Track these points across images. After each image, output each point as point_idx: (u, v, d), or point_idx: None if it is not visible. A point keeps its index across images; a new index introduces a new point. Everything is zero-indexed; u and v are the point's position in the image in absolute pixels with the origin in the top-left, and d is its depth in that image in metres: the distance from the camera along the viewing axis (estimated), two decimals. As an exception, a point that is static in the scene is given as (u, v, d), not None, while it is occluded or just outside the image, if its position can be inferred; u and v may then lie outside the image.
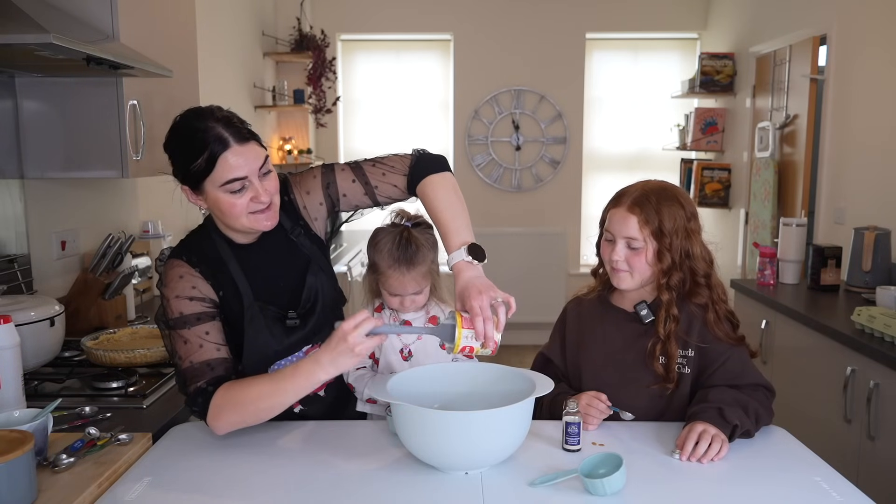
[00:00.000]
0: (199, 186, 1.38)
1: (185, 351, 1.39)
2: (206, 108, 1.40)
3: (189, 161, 1.35)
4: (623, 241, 1.55)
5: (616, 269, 1.57)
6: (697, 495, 1.23)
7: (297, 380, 1.33)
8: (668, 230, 1.52)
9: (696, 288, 1.56)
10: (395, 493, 1.23)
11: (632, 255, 1.54)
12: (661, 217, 1.52)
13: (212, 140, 1.33)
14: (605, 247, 1.60)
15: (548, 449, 1.40)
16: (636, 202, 1.54)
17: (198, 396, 1.38)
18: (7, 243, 2.08)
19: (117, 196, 2.69)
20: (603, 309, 1.66)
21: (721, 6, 5.03)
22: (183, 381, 1.41)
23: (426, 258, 1.58)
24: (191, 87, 2.53)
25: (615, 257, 1.55)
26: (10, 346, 1.44)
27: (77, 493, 1.21)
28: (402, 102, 5.40)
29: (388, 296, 1.61)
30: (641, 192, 1.55)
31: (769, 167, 4.05)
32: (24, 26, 1.50)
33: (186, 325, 1.40)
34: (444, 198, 1.48)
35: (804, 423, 2.55)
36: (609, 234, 1.58)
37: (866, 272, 2.91)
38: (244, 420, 1.38)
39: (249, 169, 1.36)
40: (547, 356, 1.72)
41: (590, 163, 5.44)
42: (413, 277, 1.56)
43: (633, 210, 1.53)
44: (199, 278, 1.43)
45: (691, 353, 1.54)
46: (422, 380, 1.42)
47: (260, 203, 1.38)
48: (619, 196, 1.59)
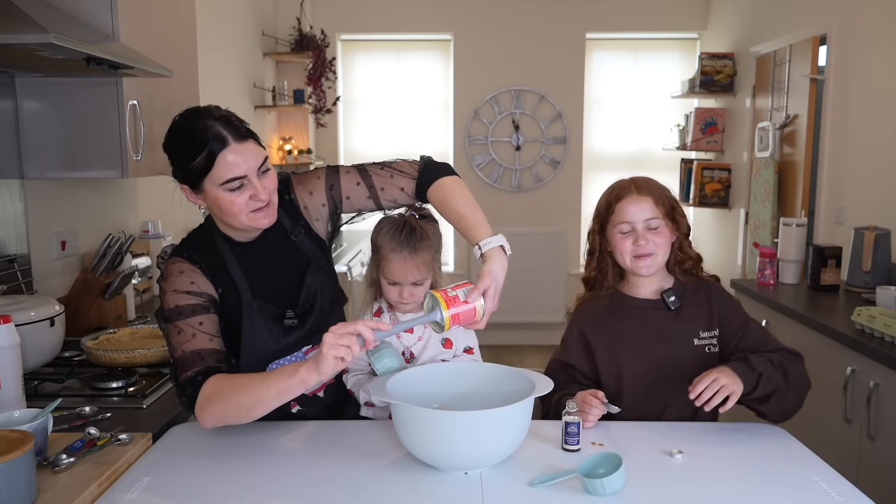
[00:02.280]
0: (199, 185, 1.38)
1: (178, 341, 1.39)
2: (204, 108, 1.40)
3: (188, 160, 1.35)
4: (642, 224, 1.59)
5: (641, 256, 1.60)
6: (697, 495, 1.23)
7: (282, 377, 1.31)
8: (674, 202, 1.64)
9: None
10: (395, 493, 1.23)
11: (655, 236, 1.60)
12: (664, 193, 1.63)
13: (210, 138, 1.34)
14: (620, 241, 1.62)
15: (547, 449, 1.40)
16: (641, 187, 1.62)
17: (187, 386, 1.37)
18: (7, 243, 2.08)
19: (117, 196, 2.69)
20: (624, 305, 1.67)
21: (721, 6, 5.03)
22: (175, 370, 1.40)
23: (430, 247, 1.57)
24: (191, 87, 2.53)
25: (641, 242, 1.59)
26: (10, 346, 1.44)
27: (77, 493, 1.21)
28: (402, 102, 5.40)
29: (387, 287, 1.59)
30: (637, 180, 1.64)
31: (769, 167, 4.05)
32: (24, 26, 1.50)
33: (181, 316, 1.40)
34: (461, 195, 1.49)
35: (804, 423, 2.53)
36: (625, 225, 1.61)
37: (866, 272, 2.91)
38: (227, 415, 1.34)
39: (248, 167, 1.36)
40: (566, 362, 1.69)
41: (590, 163, 5.44)
42: (415, 264, 1.55)
43: (642, 193, 1.61)
44: (198, 274, 1.44)
45: (717, 331, 1.62)
46: (422, 380, 1.43)
47: (259, 201, 1.39)
48: (617, 192, 1.64)
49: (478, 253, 1.40)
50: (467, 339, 1.65)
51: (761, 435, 1.48)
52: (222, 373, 1.38)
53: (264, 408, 1.33)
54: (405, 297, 1.58)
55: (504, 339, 5.13)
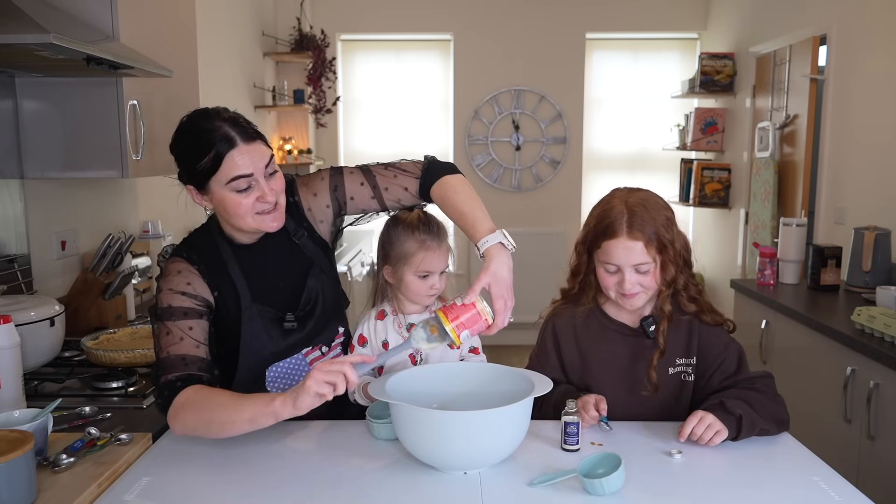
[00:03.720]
0: (205, 186, 1.38)
1: (166, 342, 1.39)
2: (212, 109, 1.41)
3: (195, 160, 1.35)
4: (631, 268, 1.48)
5: (628, 295, 1.51)
6: (696, 495, 1.23)
7: (257, 405, 1.28)
8: (667, 240, 1.48)
9: (687, 286, 1.55)
10: (395, 493, 1.23)
11: (642, 277, 1.49)
12: (658, 229, 1.47)
13: (218, 139, 1.34)
14: (606, 278, 1.52)
15: (547, 449, 1.40)
16: (633, 225, 1.46)
17: (165, 389, 1.36)
18: (7, 243, 2.08)
19: (117, 196, 2.69)
20: (601, 325, 1.61)
21: (721, 6, 5.03)
22: (156, 370, 1.39)
23: (447, 235, 1.59)
24: (191, 87, 2.53)
25: (627, 286, 1.49)
26: (10, 346, 1.44)
27: (77, 493, 1.21)
28: (402, 102, 5.40)
29: (416, 282, 1.56)
30: (631, 212, 1.48)
31: (769, 167, 4.05)
32: (24, 26, 1.50)
33: (172, 317, 1.40)
34: (463, 192, 1.47)
35: (804, 423, 2.55)
36: (611, 266, 1.50)
37: (866, 272, 2.91)
38: (197, 427, 1.34)
39: (255, 167, 1.36)
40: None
41: (590, 163, 5.44)
42: (443, 252, 1.56)
43: (634, 236, 1.46)
44: (196, 276, 1.44)
45: (694, 360, 1.56)
46: (421, 380, 1.43)
47: (266, 203, 1.39)
48: (608, 224, 1.49)
49: (479, 253, 1.39)
50: (472, 339, 1.65)
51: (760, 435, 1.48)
52: (202, 383, 1.37)
53: (234, 430, 1.32)
54: (437, 286, 1.58)
55: (504, 339, 5.10)
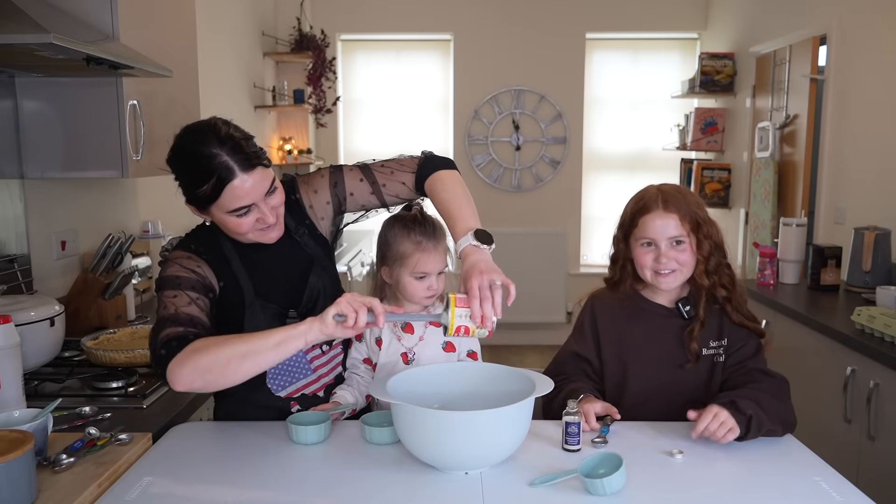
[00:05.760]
0: (206, 209, 1.39)
1: (174, 302, 1.37)
2: (209, 128, 1.35)
3: (194, 185, 1.35)
4: (667, 241, 1.56)
5: (662, 274, 1.57)
6: (697, 495, 1.23)
7: (283, 329, 1.29)
8: (701, 219, 1.58)
9: (720, 268, 1.61)
10: (395, 493, 1.23)
11: (678, 253, 1.56)
12: (692, 208, 1.57)
13: (217, 169, 1.32)
14: (642, 255, 1.59)
15: (548, 449, 1.40)
16: (668, 202, 1.57)
17: (173, 340, 1.32)
18: (7, 243, 2.08)
19: (117, 196, 2.69)
20: (638, 307, 1.66)
21: (721, 6, 5.03)
22: (161, 325, 1.35)
23: (444, 235, 1.58)
24: (191, 87, 2.53)
25: (663, 260, 1.56)
26: (10, 346, 1.44)
27: (77, 493, 1.21)
28: (402, 102, 5.40)
29: (413, 283, 1.56)
30: (665, 192, 1.58)
31: (769, 167, 4.05)
32: (24, 26, 1.50)
33: (181, 285, 1.39)
34: (451, 189, 1.48)
35: (804, 423, 2.53)
36: (647, 240, 1.58)
37: (866, 272, 2.91)
38: (211, 368, 1.28)
39: (256, 195, 1.36)
40: (578, 353, 1.68)
41: (590, 163, 5.44)
42: (440, 253, 1.56)
43: (669, 209, 1.56)
44: (204, 264, 1.45)
45: (725, 341, 1.60)
46: (422, 380, 1.43)
47: (265, 223, 1.40)
48: (644, 203, 1.59)
49: (457, 254, 1.39)
50: (470, 342, 1.65)
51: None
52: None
53: (256, 360, 1.28)
54: (434, 287, 1.57)
55: (504, 339, 5.11)
